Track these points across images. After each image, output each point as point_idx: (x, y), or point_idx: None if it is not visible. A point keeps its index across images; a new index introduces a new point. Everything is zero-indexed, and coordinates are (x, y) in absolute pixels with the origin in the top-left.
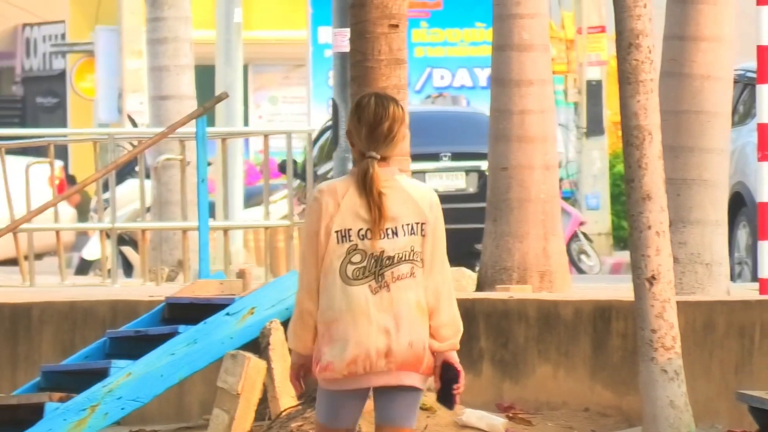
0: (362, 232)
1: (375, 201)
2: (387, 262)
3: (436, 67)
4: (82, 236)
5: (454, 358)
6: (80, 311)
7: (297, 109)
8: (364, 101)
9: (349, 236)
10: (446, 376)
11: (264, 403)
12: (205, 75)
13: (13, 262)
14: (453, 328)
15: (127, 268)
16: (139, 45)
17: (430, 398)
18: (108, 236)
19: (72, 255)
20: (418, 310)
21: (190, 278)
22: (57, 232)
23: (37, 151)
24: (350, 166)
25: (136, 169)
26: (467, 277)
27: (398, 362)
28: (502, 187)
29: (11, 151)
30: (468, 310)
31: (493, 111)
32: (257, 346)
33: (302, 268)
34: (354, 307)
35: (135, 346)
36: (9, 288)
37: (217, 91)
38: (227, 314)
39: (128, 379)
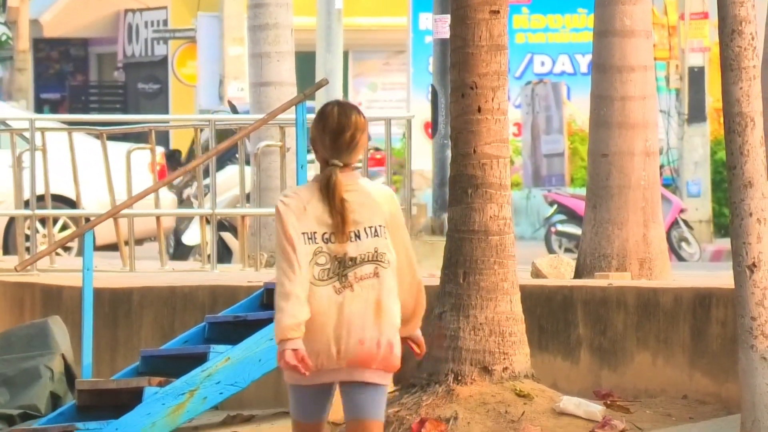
0: (326, 236)
1: (337, 208)
2: (350, 263)
3: (537, 54)
4: (182, 221)
5: (417, 336)
6: (180, 296)
7: (397, 96)
8: (327, 109)
9: (315, 239)
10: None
11: None
12: (305, 61)
13: (113, 247)
14: (421, 312)
15: (227, 253)
16: (240, 31)
17: (527, 385)
18: (208, 222)
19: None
20: (375, 309)
21: None
22: (157, 218)
23: (139, 137)
24: (448, 153)
25: (237, 155)
26: (565, 264)
27: (348, 359)
28: (602, 173)
29: (113, 137)
30: (566, 297)
31: (594, 97)
32: None
33: (279, 268)
34: (317, 306)
35: (234, 331)
36: (109, 273)
37: (318, 78)
38: None
39: (227, 364)
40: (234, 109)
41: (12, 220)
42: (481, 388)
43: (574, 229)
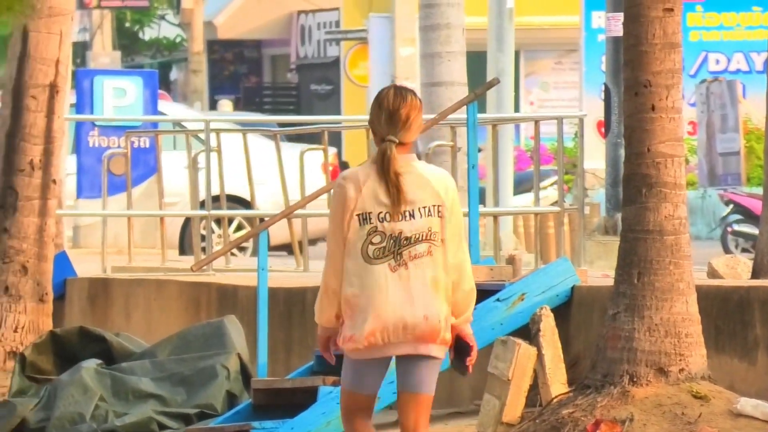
0: (382, 215)
1: (392, 181)
2: (405, 242)
3: (712, 52)
4: None
5: (467, 332)
6: None
7: (568, 95)
8: (384, 91)
9: (370, 219)
10: (459, 347)
11: (534, 389)
12: (476, 61)
13: (287, 247)
14: (468, 301)
15: None
16: (411, 32)
17: (704, 386)
18: None
19: None
20: (433, 286)
21: None
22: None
23: (312, 137)
24: (621, 152)
25: None
26: (742, 264)
27: (416, 334)
28: None
29: (286, 138)
30: (743, 297)
31: None
32: (527, 332)
33: (329, 250)
34: (374, 284)
35: None
36: (284, 273)
37: (489, 77)
38: (497, 300)
39: None
40: None
41: (188, 221)
42: (657, 390)
43: (750, 229)
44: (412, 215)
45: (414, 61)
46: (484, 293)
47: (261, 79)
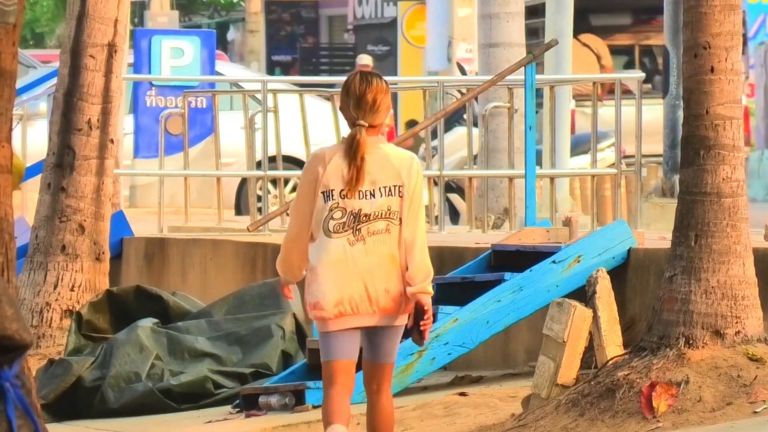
0: (343, 192)
1: (357, 164)
2: (364, 219)
3: None
4: None
5: (425, 300)
6: None
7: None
8: (350, 78)
9: (332, 195)
10: (417, 316)
11: (590, 351)
12: None
13: None
14: (423, 273)
15: (454, 215)
16: None
17: (760, 349)
18: (436, 183)
19: None
20: (390, 261)
21: (516, 226)
22: None
23: None
24: (679, 114)
25: (464, 116)
26: None
27: (380, 306)
28: None
29: None
30: None
31: None
32: (583, 294)
33: (291, 218)
34: (333, 256)
35: (461, 293)
36: None
37: (547, 39)
38: (553, 262)
39: (455, 325)
40: (462, 71)
41: (244, 181)
42: (713, 352)
43: None
44: (372, 194)
45: (472, 22)
46: (540, 255)
47: (318, 40)
